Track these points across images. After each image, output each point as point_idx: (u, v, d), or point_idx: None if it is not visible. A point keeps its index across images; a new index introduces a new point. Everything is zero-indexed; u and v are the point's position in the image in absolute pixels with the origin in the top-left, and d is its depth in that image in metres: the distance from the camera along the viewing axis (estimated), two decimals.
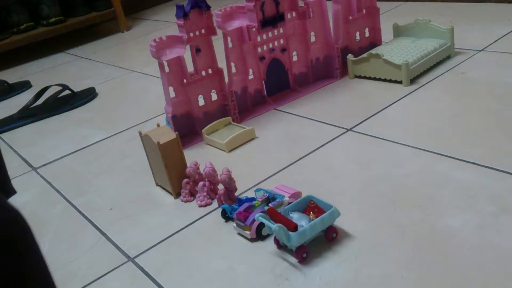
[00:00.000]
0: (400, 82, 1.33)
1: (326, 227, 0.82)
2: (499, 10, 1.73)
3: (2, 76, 2.17)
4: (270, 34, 1.31)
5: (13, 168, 1.33)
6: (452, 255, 0.75)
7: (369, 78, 1.40)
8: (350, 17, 1.44)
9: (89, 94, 1.73)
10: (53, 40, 2.53)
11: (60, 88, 1.68)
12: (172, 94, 1.23)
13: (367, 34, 1.51)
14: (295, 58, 1.40)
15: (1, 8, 2.39)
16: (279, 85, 1.39)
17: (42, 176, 1.26)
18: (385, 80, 1.36)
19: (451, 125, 1.10)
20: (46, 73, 2.16)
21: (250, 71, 1.32)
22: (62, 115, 1.65)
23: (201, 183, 1.00)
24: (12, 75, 2.20)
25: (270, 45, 1.32)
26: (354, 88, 1.38)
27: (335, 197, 0.93)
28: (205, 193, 1.00)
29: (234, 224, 0.89)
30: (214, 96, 1.29)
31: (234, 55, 1.28)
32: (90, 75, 2.01)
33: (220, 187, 0.98)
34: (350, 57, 1.41)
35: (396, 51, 1.39)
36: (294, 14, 1.34)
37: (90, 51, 2.39)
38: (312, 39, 1.40)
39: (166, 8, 2.98)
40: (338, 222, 0.85)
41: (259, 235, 0.86)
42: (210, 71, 1.26)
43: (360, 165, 1.02)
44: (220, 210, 0.95)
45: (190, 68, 1.24)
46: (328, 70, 1.46)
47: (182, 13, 1.18)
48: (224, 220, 0.94)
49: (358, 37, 1.49)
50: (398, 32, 1.51)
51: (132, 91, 1.74)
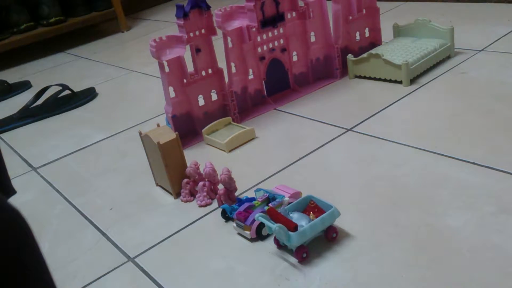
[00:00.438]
0: (400, 82, 1.33)
1: (326, 227, 0.82)
2: (499, 10, 1.73)
3: (2, 76, 2.17)
4: (270, 34, 1.31)
5: (13, 168, 1.32)
6: (452, 255, 0.75)
7: (369, 78, 1.40)
8: (350, 17, 1.44)
9: (89, 94, 1.73)
10: (53, 40, 2.53)
11: (60, 88, 1.68)
12: (172, 94, 1.23)
13: (367, 34, 1.51)
14: (295, 58, 1.40)
15: (1, 8, 2.39)
16: (279, 85, 1.39)
17: (42, 176, 1.26)
18: (385, 80, 1.36)
19: (451, 125, 1.10)
20: (46, 73, 2.16)
21: (250, 71, 1.32)
22: (62, 115, 1.65)
23: (201, 183, 1.00)
24: (12, 75, 2.20)
25: (270, 45, 1.32)
26: (354, 88, 1.38)
27: (335, 197, 0.93)
28: (205, 193, 1.00)
29: (234, 224, 0.89)
30: (214, 96, 1.29)
31: (234, 55, 1.28)
32: (90, 75, 2.01)
33: (220, 187, 0.98)
34: (350, 57, 1.41)
35: (396, 51, 1.39)
36: (294, 14, 1.34)
37: (90, 51, 2.38)
38: (312, 39, 1.40)
39: (166, 8, 2.98)
40: (338, 222, 0.85)
41: (259, 235, 0.86)
42: (210, 71, 1.26)
43: (360, 165, 1.02)
44: (220, 210, 0.95)
45: (190, 68, 1.24)
46: (328, 70, 1.46)
47: (182, 13, 1.18)
48: (224, 220, 0.94)
49: (358, 37, 1.49)
50: (398, 32, 1.51)
51: (132, 91, 1.74)
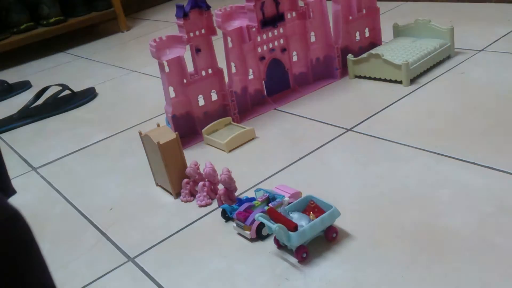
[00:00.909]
0: (400, 82, 1.33)
1: (326, 227, 0.82)
2: (499, 10, 1.73)
3: (2, 76, 2.17)
4: (270, 34, 1.31)
5: (13, 168, 1.32)
6: (452, 255, 0.75)
7: (369, 78, 1.40)
8: (350, 17, 1.44)
9: (89, 94, 1.73)
10: (53, 40, 2.53)
11: (60, 88, 1.68)
12: (172, 94, 1.23)
13: (367, 34, 1.51)
14: (295, 58, 1.40)
15: (1, 8, 2.39)
16: (279, 85, 1.39)
17: (42, 176, 1.26)
18: (385, 80, 1.36)
19: (451, 125, 1.10)
20: (46, 73, 2.16)
21: (250, 71, 1.32)
22: (62, 115, 1.65)
23: (201, 183, 1.00)
24: (12, 75, 2.19)
25: (270, 45, 1.32)
26: (354, 88, 1.38)
27: (335, 197, 0.93)
28: (205, 193, 1.00)
29: (234, 224, 0.89)
30: (214, 96, 1.29)
31: (234, 55, 1.28)
32: (90, 75, 2.01)
33: (220, 187, 0.98)
34: (350, 57, 1.41)
35: (396, 51, 1.39)
36: (294, 14, 1.34)
37: (90, 51, 2.38)
38: (312, 39, 1.40)
39: (166, 8, 2.98)
40: (338, 222, 0.85)
41: (259, 235, 0.86)
42: (210, 71, 1.26)
43: (360, 165, 1.02)
44: (220, 210, 0.95)
45: (190, 68, 1.24)
46: (328, 70, 1.46)
47: (182, 13, 1.18)
48: (224, 220, 0.94)
49: (358, 37, 1.49)
50: (398, 32, 1.51)
51: (132, 91, 1.74)
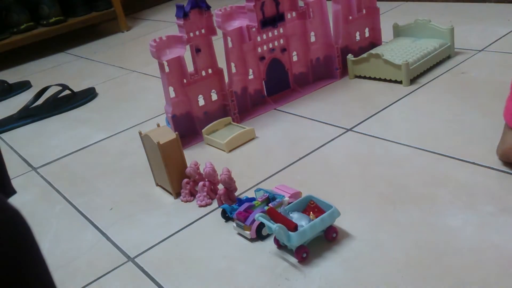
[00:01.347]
0: (400, 82, 1.33)
1: (326, 227, 0.82)
2: (499, 10, 1.73)
3: (2, 76, 2.17)
4: (270, 34, 1.31)
5: (13, 168, 1.32)
6: (452, 255, 0.75)
7: (369, 78, 1.40)
8: (350, 17, 1.44)
9: (89, 94, 1.73)
10: (53, 40, 2.53)
11: (60, 88, 1.68)
12: (172, 94, 1.23)
13: (367, 34, 1.51)
14: (295, 58, 1.40)
15: (1, 8, 2.39)
16: (279, 85, 1.39)
17: (42, 176, 1.26)
18: (385, 80, 1.36)
19: (451, 125, 1.10)
20: (46, 73, 2.16)
21: (250, 71, 1.32)
22: (62, 115, 1.65)
23: (201, 183, 1.00)
24: (12, 75, 2.19)
25: (270, 45, 1.32)
26: (354, 88, 1.38)
27: (335, 197, 0.93)
28: (205, 193, 1.00)
29: (234, 224, 0.89)
30: (214, 96, 1.29)
31: (234, 55, 1.28)
32: (90, 75, 2.01)
33: (220, 187, 0.98)
34: (350, 57, 1.41)
35: (396, 51, 1.39)
36: (294, 14, 1.34)
37: (90, 51, 2.38)
38: (312, 39, 1.40)
39: (166, 8, 2.98)
40: (338, 222, 0.85)
41: (259, 235, 0.86)
42: (210, 71, 1.26)
43: (360, 165, 1.02)
44: (220, 210, 0.95)
45: (190, 68, 1.24)
46: (328, 70, 1.46)
47: (182, 13, 1.18)
48: (224, 220, 0.94)
49: (358, 37, 1.49)
50: (398, 32, 1.51)
51: (132, 91, 1.74)
